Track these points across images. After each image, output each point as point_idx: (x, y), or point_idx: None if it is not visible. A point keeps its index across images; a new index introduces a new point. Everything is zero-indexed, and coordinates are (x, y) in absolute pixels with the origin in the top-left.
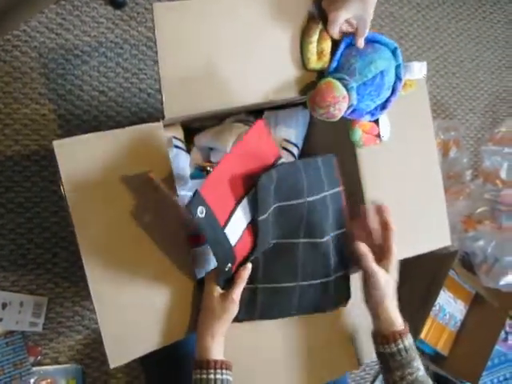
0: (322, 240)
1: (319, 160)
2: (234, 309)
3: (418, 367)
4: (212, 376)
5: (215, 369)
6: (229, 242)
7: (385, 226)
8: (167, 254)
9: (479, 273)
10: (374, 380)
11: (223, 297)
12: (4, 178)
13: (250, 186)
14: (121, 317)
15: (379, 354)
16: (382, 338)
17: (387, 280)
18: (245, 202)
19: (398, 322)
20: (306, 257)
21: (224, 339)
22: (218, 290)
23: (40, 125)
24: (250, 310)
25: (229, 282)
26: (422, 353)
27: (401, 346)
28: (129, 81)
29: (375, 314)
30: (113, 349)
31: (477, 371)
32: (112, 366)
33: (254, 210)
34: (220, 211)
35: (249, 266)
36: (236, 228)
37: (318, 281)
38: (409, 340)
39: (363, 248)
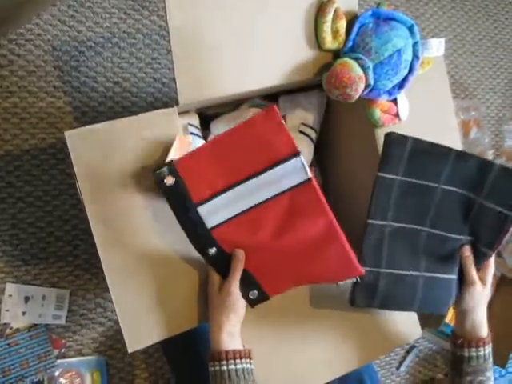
0: (450, 236)
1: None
2: (231, 301)
3: (490, 378)
4: (225, 367)
5: (227, 359)
6: (202, 223)
7: None
8: (183, 239)
9: (504, 254)
10: (399, 365)
11: (221, 287)
12: (22, 172)
13: (250, 174)
14: (137, 303)
15: (455, 357)
16: (465, 341)
17: (483, 291)
18: (242, 188)
19: (484, 329)
20: (430, 247)
21: (238, 328)
22: (218, 280)
23: (56, 118)
24: (370, 296)
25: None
26: (447, 336)
27: (481, 352)
28: (143, 71)
29: (463, 317)
30: (130, 334)
31: (505, 354)
32: (130, 350)
33: (382, 164)
34: (196, 187)
35: (237, 254)
36: (218, 211)
37: (446, 276)
38: (489, 349)
39: (467, 252)
